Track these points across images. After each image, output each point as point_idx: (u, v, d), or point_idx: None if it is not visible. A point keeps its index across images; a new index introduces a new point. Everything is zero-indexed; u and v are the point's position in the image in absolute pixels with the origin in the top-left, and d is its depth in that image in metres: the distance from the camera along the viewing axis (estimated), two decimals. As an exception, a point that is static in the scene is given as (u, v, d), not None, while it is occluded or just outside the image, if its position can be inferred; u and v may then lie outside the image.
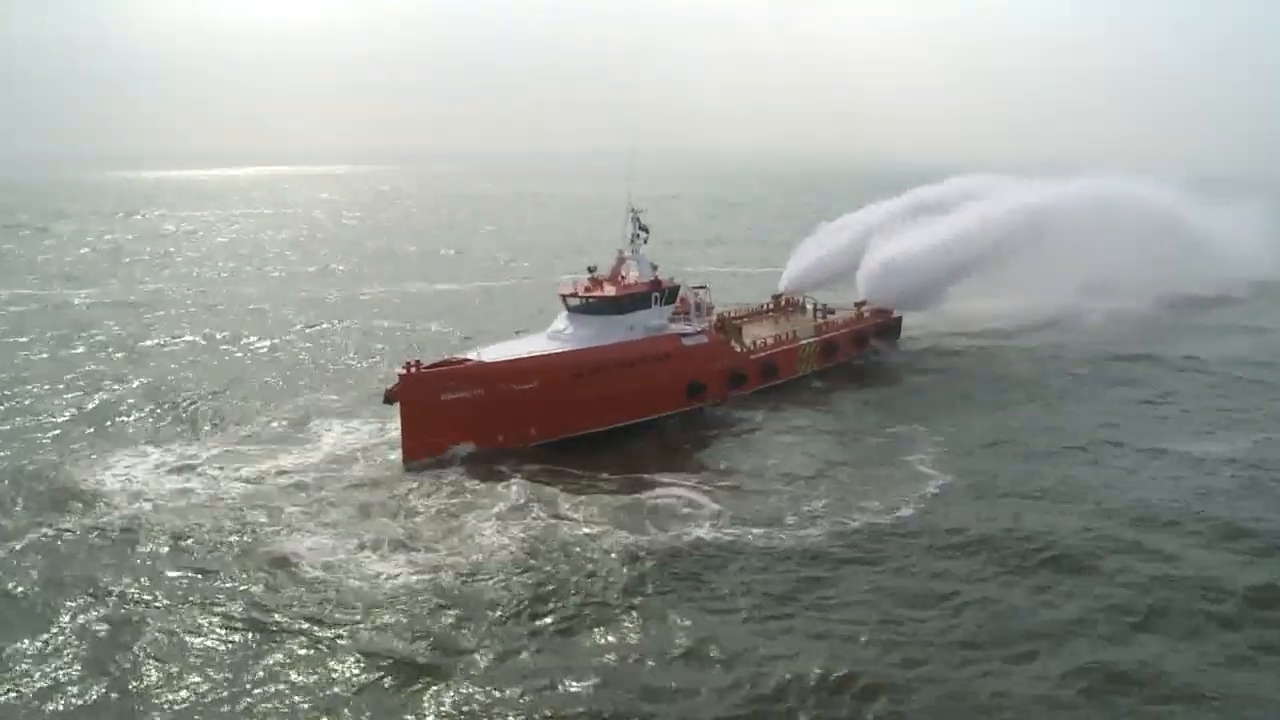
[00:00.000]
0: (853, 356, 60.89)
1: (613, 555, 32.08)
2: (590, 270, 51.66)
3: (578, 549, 32.60)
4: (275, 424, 47.29)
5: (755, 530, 34.13)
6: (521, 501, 36.20)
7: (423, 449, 41.39)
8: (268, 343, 67.57)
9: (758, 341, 55.52)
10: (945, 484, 39.07)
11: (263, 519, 35.06)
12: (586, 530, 34.01)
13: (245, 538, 33.67)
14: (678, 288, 51.50)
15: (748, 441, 46.34)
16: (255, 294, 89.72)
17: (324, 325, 73.39)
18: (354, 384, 55.12)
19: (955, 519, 35.28)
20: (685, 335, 50.62)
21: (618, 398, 46.73)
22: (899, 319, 65.86)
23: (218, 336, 69.20)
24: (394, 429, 42.65)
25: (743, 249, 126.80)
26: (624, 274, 51.31)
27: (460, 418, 42.02)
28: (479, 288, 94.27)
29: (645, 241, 52.41)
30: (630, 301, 48.63)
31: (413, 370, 41.25)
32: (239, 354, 64.31)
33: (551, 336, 48.10)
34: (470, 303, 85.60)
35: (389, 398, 41.83)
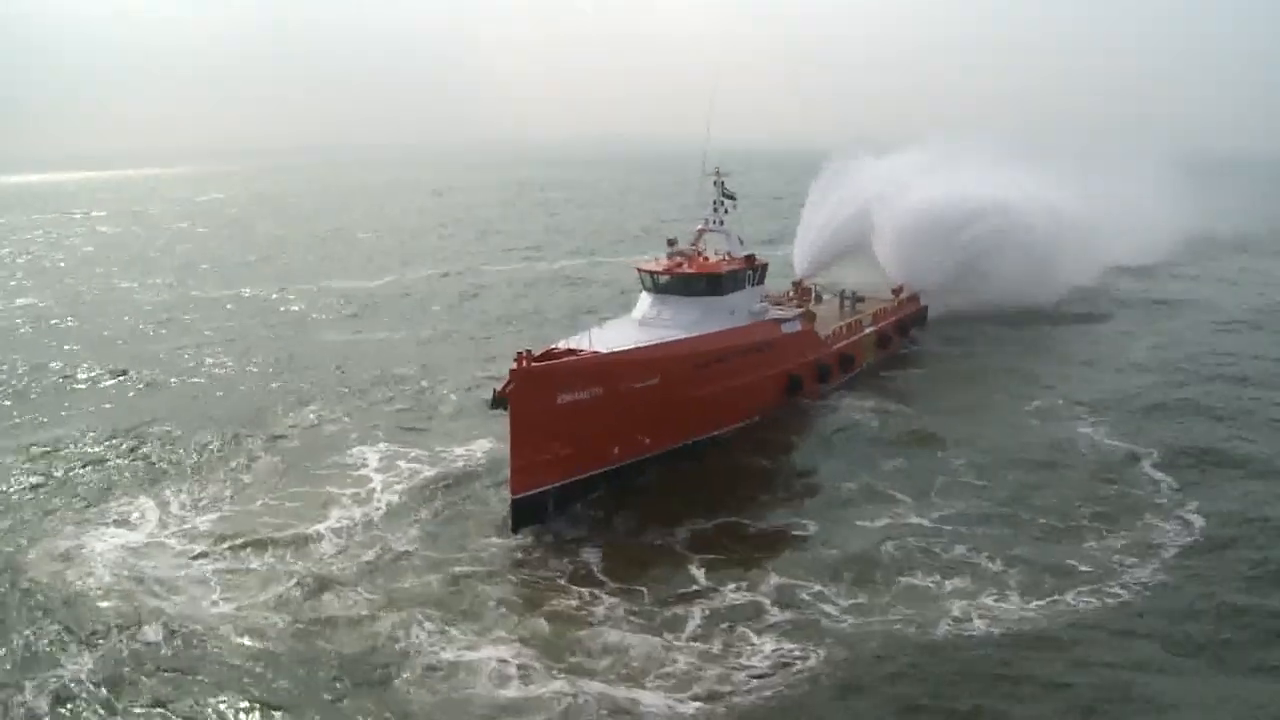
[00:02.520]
0: (898, 347, 54.90)
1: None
2: (670, 244, 42.57)
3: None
4: (269, 464, 35.95)
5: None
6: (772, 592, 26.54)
7: (536, 475, 31.03)
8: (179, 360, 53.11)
9: (834, 331, 48.26)
10: (1199, 525, 30.58)
11: (350, 639, 24.20)
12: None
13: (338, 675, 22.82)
14: (767, 265, 43.38)
15: (918, 461, 36.45)
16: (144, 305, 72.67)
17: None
18: (331, 397, 43.80)
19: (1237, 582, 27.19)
20: (784, 321, 42.61)
21: (728, 396, 38.06)
22: (925, 307, 60.56)
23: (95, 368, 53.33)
24: (443, 452, 36.02)
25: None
26: (701, 249, 42.69)
27: (577, 427, 31.88)
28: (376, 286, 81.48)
29: (728, 211, 43.76)
30: (732, 280, 40.02)
31: (525, 363, 30.89)
32: (128, 381, 49.49)
33: (644, 323, 38.42)
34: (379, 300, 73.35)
35: (497, 399, 30.72)
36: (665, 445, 35.56)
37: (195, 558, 28.61)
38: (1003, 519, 31.39)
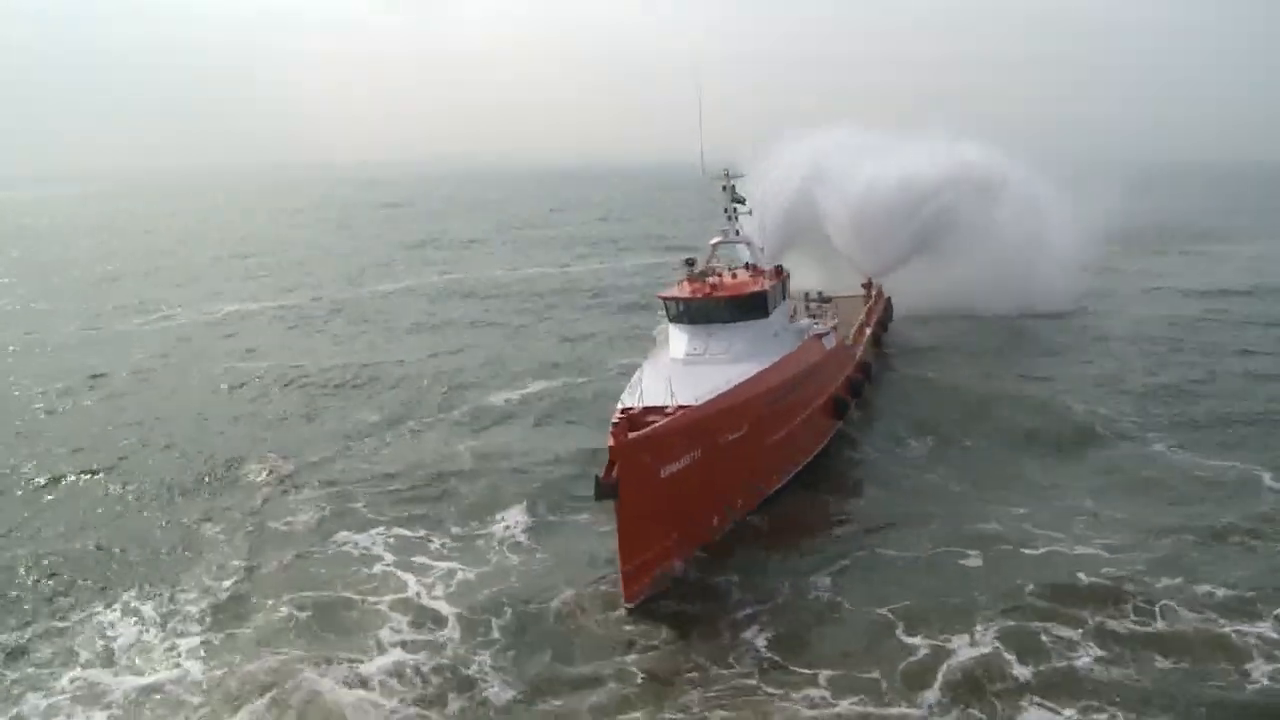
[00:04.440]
0: (883, 349, 50.74)
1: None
2: (688, 264, 36.45)
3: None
4: (239, 564, 26.39)
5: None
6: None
7: (649, 573, 24.49)
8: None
9: (853, 338, 43.27)
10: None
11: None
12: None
13: None
14: (789, 273, 38.08)
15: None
16: None
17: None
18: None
19: None
20: (824, 336, 37.30)
21: (797, 434, 32.57)
22: (889, 298, 56.59)
23: None
24: (468, 532, 28.74)
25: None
26: (716, 265, 36.92)
27: (680, 504, 25.48)
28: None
29: (735, 217, 38.12)
30: (773, 297, 34.48)
31: (624, 433, 23.72)
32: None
33: (690, 360, 32.00)
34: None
35: (605, 489, 23.34)
36: (752, 505, 29.62)
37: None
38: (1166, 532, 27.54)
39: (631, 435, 23.79)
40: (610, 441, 23.49)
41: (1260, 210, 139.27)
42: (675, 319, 33.70)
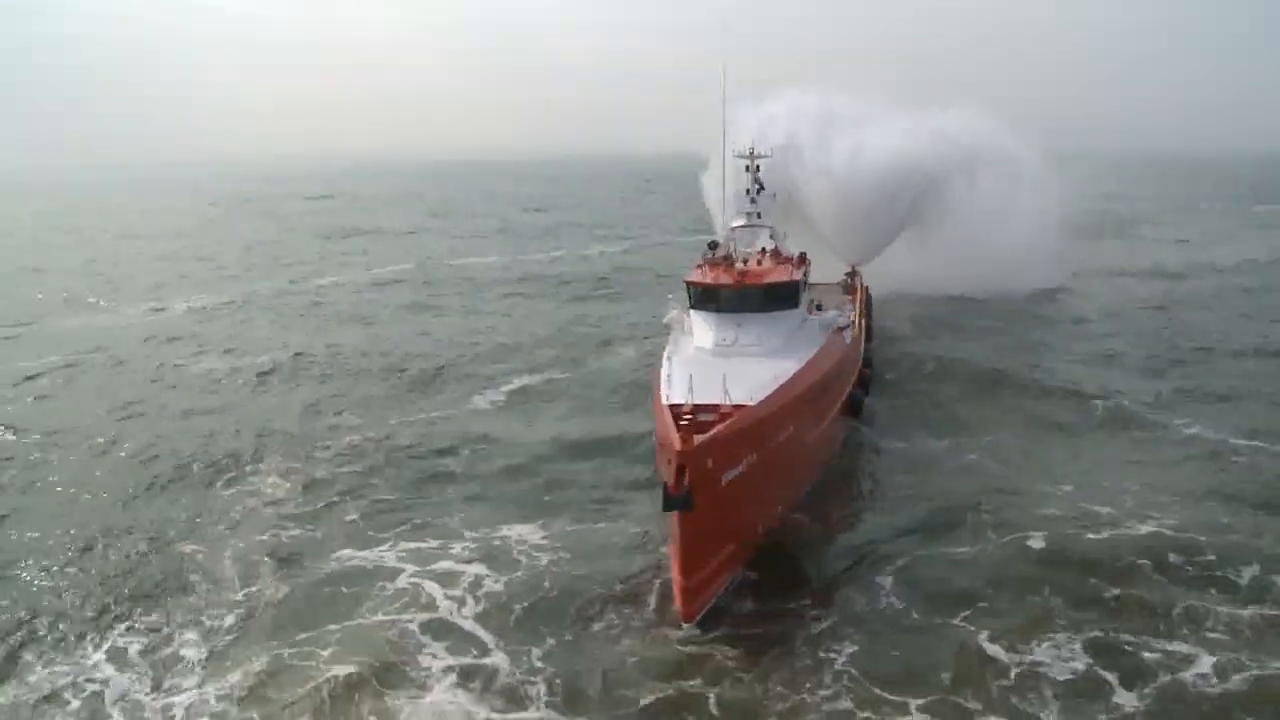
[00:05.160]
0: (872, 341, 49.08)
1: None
2: (712, 247, 34.39)
3: None
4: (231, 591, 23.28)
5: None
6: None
7: (706, 588, 22.39)
8: None
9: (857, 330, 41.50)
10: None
11: None
12: None
13: None
14: (810, 261, 36.33)
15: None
16: None
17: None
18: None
19: None
20: (844, 329, 35.40)
21: (826, 434, 30.94)
22: (867, 288, 54.95)
23: None
24: (483, 540, 26.24)
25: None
26: (732, 251, 34.86)
27: (735, 513, 23.47)
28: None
29: (754, 200, 36.09)
30: (802, 287, 32.58)
31: (692, 435, 21.44)
32: None
33: (719, 351, 29.71)
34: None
35: (674, 500, 20.87)
36: (789, 508, 27.77)
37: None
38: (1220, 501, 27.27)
39: (698, 440, 21.53)
40: (678, 445, 21.15)
41: (1189, 196, 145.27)
42: (700, 305, 31.48)
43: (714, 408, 23.63)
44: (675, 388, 25.31)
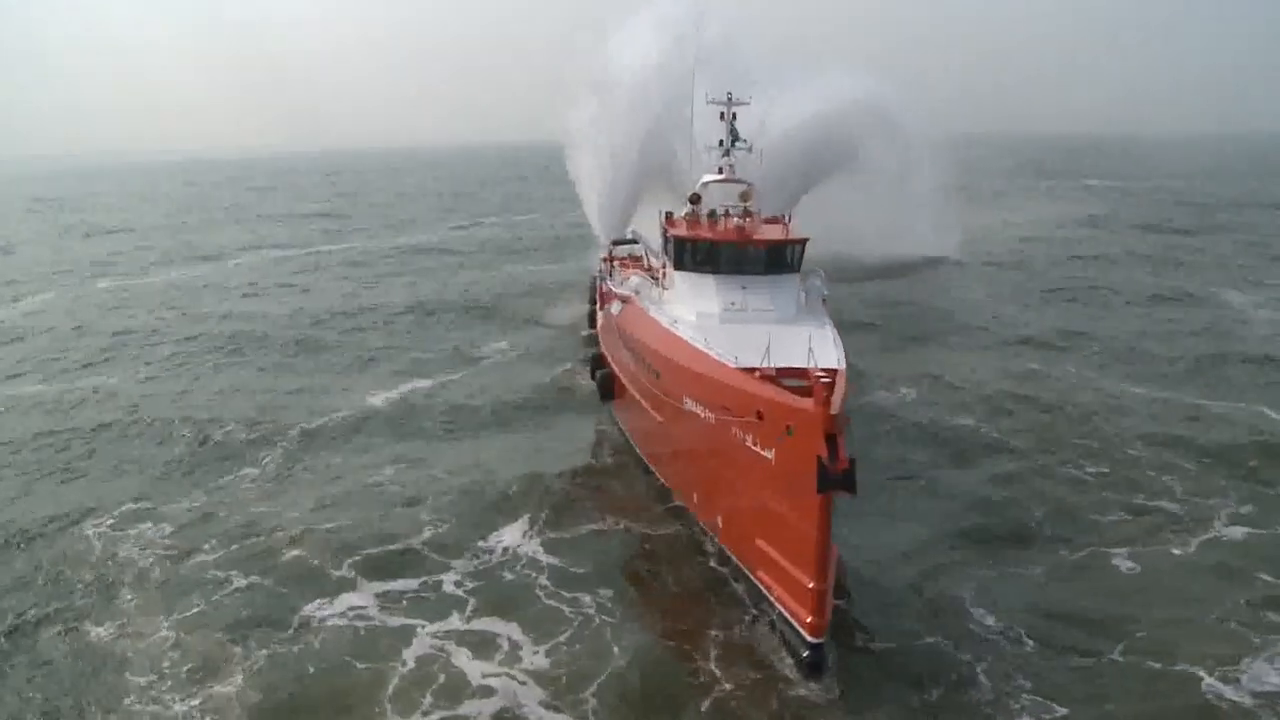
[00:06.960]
0: None
1: None
2: (694, 201, 30.70)
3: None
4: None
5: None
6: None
7: (829, 597, 18.64)
8: None
9: None
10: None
11: None
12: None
13: None
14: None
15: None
16: None
17: None
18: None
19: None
20: (825, 298, 32.13)
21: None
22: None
23: None
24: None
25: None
26: (702, 208, 31.17)
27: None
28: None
29: (728, 153, 32.33)
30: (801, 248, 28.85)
31: (827, 399, 17.06)
32: None
33: (728, 317, 25.95)
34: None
35: (835, 479, 16.83)
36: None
37: None
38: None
39: (834, 403, 17.21)
40: (818, 410, 17.01)
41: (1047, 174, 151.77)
42: (693, 266, 27.85)
43: (801, 371, 19.86)
44: (719, 351, 21.71)
